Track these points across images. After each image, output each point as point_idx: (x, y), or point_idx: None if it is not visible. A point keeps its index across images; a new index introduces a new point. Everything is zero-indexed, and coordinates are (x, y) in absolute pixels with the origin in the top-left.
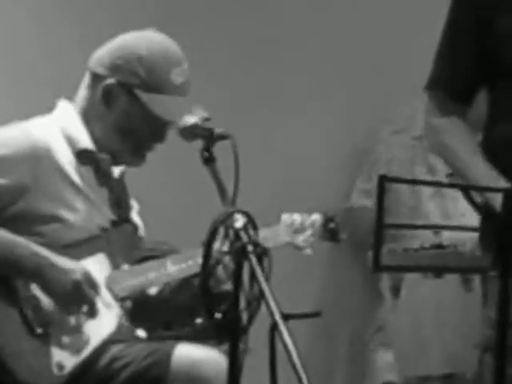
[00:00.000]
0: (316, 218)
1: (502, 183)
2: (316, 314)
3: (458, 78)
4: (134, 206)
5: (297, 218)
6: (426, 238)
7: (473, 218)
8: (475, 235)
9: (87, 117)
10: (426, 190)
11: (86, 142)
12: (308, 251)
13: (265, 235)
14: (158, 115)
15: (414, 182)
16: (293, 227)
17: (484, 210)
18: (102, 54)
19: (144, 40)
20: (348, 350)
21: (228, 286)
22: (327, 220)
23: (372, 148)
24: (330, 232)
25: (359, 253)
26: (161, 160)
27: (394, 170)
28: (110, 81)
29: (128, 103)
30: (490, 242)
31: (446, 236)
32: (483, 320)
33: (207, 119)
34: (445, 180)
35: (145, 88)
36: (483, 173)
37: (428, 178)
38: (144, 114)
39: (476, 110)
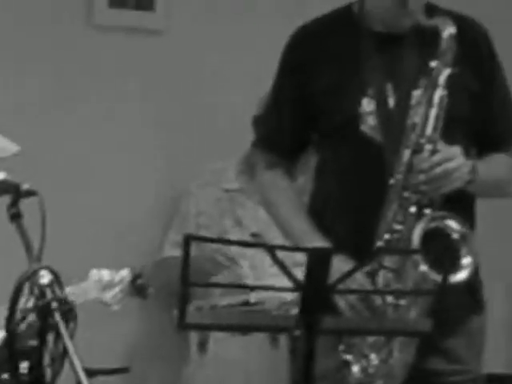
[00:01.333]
0: (124, 274)
1: (320, 241)
2: (124, 370)
3: (281, 136)
4: None
5: (105, 274)
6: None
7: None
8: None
9: None
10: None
11: None
12: (116, 307)
13: (72, 291)
14: None
15: (219, 240)
16: (101, 283)
17: (287, 272)
18: None
19: None
20: None
21: (33, 343)
22: (135, 276)
23: (182, 200)
24: (138, 288)
25: (172, 305)
26: None
27: (203, 222)
28: None
29: None
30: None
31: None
32: (289, 377)
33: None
34: (250, 236)
35: None
36: (302, 231)
37: (236, 231)
38: None
39: None
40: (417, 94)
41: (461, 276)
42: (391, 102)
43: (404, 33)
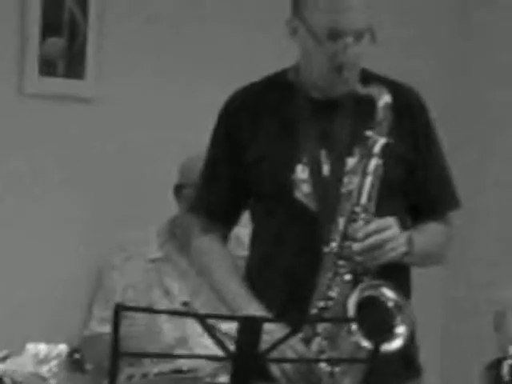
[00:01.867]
0: (62, 348)
1: (254, 307)
2: None
3: (217, 201)
4: None
5: (42, 348)
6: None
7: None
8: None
9: None
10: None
11: None
12: (52, 382)
13: (8, 366)
14: None
15: (149, 310)
16: (38, 357)
17: (217, 341)
18: None
19: None
20: None
21: None
22: (72, 351)
23: (104, 275)
24: (75, 363)
25: (99, 380)
26: None
27: (130, 296)
28: None
29: None
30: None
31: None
32: None
33: None
34: (181, 306)
35: None
36: (236, 296)
37: (165, 301)
38: None
39: None
40: (351, 161)
41: (395, 344)
42: (325, 169)
43: (339, 99)
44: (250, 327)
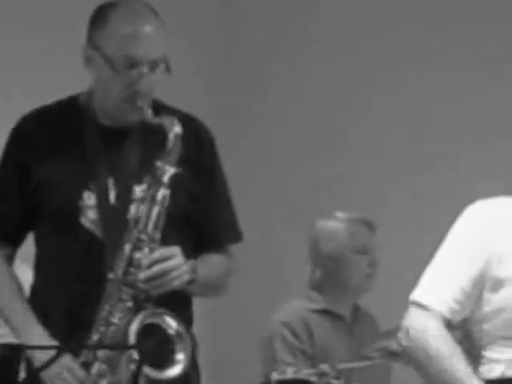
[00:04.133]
0: None
1: (36, 332)
2: None
3: (6, 222)
4: None
5: None
6: None
7: None
8: None
9: None
10: None
11: None
12: None
13: None
14: None
15: None
16: None
17: None
18: None
19: None
20: None
21: None
22: None
23: None
24: None
25: None
26: None
27: None
28: None
29: None
30: None
31: None
32: None
33: None
34: None
35: None
36: (19, 320)
37: None
38: None
39: None
40: (139, 189)
41: (175, 371)
42: (112, 196)
43: (130, 128)
44: (9, 354)
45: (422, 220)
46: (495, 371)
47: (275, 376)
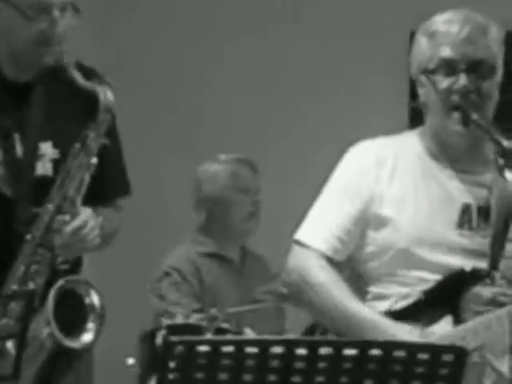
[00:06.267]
0: None
1: None
2: None
3: None
4: None
5: None
6: None
7: None
8: None
9: None
10: None
11: None
12: None
13: None
14: None
15: None
16: None
17: None
18: None
19: None
20: None
21: None
22: None
23: None
24: None
25: None
26: None
27: None
28: None
29: None
30: None
31: None
32: None
33: None
34: None
35: None
36: None
37: None
38: None
39: None
40: (45, 146)
41: (87, 338)
42: (19, 152)
43: (35, 82)
44: None
45: (307, 159)
46: (381, 306)
47: (165, 321)
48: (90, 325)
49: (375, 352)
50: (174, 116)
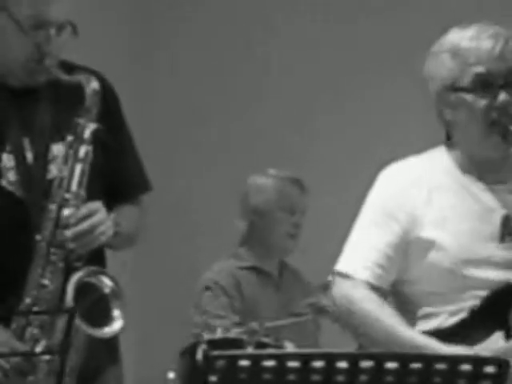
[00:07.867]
0: None
1: None
2: None
3: None
4: None
5: None
6: None
7: None
8: None
9: None
10: None
11: None
12: None
13: None
14: None
15: None
16: None
17: None
18: None
19: None
20: None
21: None
22: None
23: None
24: None
25: None
26: None
27: None
28: None
29: None
30: None
31: None
32: None
33: None
34: None
35: None
36: None
37: None
38: None
39: None
40: (57, 148)
41: (116, 326)
42: (29, 156)
43: (39, 88)
44: None
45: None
46: (431, 324)
47: (205, 336)
48: (116, 312)
49: (416, 365)
50: (214, 128)
